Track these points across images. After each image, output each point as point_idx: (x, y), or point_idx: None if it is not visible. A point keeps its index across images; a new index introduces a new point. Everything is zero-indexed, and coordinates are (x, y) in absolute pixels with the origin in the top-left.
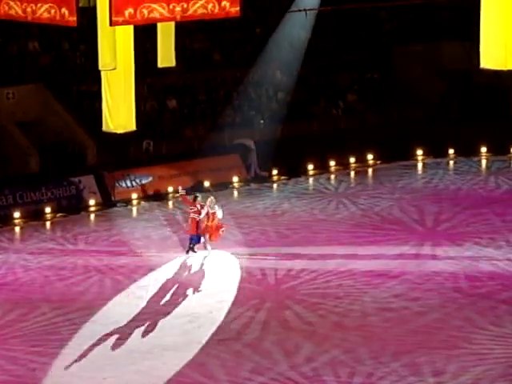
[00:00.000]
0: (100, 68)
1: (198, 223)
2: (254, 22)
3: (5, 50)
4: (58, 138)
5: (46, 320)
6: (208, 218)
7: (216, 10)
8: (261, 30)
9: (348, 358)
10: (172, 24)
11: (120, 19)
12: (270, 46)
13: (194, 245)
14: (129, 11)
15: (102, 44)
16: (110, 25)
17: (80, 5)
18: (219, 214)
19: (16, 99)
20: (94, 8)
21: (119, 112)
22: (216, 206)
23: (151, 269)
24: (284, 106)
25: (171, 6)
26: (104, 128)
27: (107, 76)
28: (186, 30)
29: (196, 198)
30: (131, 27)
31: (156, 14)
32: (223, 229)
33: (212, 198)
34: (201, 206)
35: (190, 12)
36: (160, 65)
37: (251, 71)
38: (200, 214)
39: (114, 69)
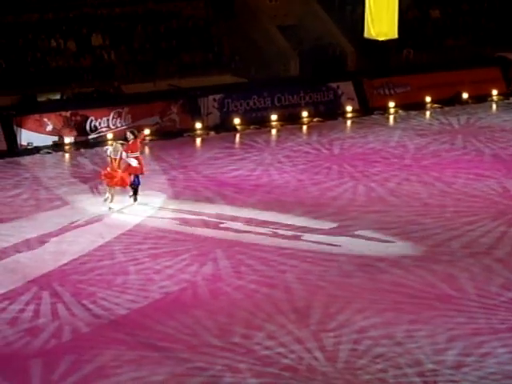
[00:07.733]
0: None
1: None
2: None
3: None
4: (318, 42)
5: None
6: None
7: None
8: None
9: None
10: None
11: None
12: None
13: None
14: None
15: None
16: None
17: None
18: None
19: (279, 2)
20: None
21: (382, 19)
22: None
23: (405, 178)
24: None
25: None
26: (365, 34)
27: None
28: None
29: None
30: None
31: None
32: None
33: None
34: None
35: None
36: None
37: None
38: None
39: None
